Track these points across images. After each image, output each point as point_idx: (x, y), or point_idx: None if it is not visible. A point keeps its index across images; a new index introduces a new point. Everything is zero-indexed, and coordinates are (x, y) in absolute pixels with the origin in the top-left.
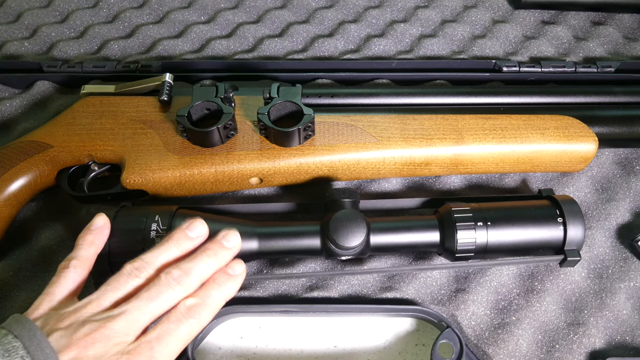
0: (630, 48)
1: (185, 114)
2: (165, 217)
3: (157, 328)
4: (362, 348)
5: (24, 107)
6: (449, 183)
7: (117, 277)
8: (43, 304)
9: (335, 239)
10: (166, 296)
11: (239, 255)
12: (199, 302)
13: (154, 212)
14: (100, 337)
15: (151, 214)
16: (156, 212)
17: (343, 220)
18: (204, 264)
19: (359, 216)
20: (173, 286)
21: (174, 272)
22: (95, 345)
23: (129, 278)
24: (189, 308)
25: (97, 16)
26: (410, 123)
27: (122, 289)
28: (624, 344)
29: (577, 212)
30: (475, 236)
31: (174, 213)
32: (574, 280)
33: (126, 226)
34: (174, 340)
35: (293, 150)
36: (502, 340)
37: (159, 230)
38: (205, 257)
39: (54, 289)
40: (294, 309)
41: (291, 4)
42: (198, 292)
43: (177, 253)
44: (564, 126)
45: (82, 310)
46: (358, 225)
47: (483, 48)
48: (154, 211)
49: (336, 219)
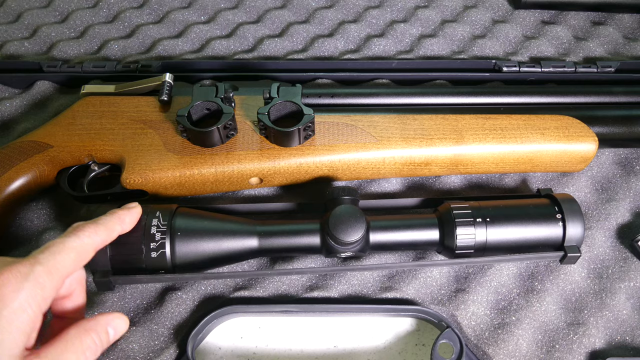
0: (630, 48)
1: (185, 114)
2: (165, 215)
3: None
4: (362, 348)
5: (24, 107)
6: (449, 183)
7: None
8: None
9: (334, 234)
10: None
11: (240, 254)
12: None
13: (155, 209)
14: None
15: (152, 210)
16: (157, 209)
17: (342, 215)
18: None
19: (358, 211)
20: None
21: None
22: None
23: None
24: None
25: (97, 16)
26: (410, 123)
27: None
28: (624, 344)
29: (576, 209)
30: (475, 233)
31: (174, 211)
32: (574, 280)
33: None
34: None
35: (293, 150)
36: (502, 340)
37: (160, 225)
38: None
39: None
40: (294, 309)
41: (291, 4)
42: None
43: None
44: (564, 126)
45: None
46: (357, 220)
47: (483, 48)
48: (154, 208)
49: (336, 214)
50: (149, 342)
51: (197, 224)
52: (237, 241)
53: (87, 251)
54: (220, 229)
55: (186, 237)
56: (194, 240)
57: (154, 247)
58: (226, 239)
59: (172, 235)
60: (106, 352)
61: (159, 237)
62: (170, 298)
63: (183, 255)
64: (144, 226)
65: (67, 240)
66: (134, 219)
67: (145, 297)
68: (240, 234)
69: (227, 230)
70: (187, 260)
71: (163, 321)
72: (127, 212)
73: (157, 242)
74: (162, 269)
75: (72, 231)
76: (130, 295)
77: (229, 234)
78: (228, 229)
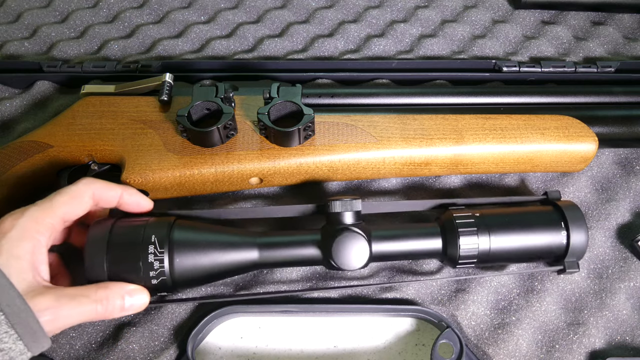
0: (630, 48)
1: (185, 114)
2: (162, 235)
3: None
4: (362, 348)
5: (24, 107)
6: (449, 183)
7: None
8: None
9: (337, 262)
10: None
11: (240, 267)
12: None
13: (150, 232)
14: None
15: (147, 236)
16: (151, 233)
17: (345, 243)
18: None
19: (361, 239)
20: None
21: None
22: None
23: None
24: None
25: (97, 16)
26: (410, 123)
27: None
28: (624, 344)
29: (581, 221)
30: (478, 243)
31: (172, 226)
32: (574, 280)
33: (123, 240)
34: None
35: (293, 150)
36: (502, 340)
37: (157, 253)
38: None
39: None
40: (294, 309)
41: (291, 4)
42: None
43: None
44: (564, 126)
45: None
46: (360, 249)
47: (483, 48)
48: (149, 230)
49: (338, 243)
50: (149, 342)
51: (195, 238)
52: (237, 254)
53: (81, 192)
54: (220, 242)
55: (185, 254)
56: (193, 260)
57: (154, 275)
58: (226, 253)
59: (171, 257)
60: (106, 353)
61: (157, 266)
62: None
63: (183, 274)
64: (141, 257)
65: (66, 187)
66: (138, 199)
67: None
68: (240, 246)
69: (227, 242)
70: (187, 278)
71: (163, 322)
72: (132, 190)
73: (156, 271)
74: (163, 291)
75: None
76: None
77: (229, 247)
78: (227, 241)
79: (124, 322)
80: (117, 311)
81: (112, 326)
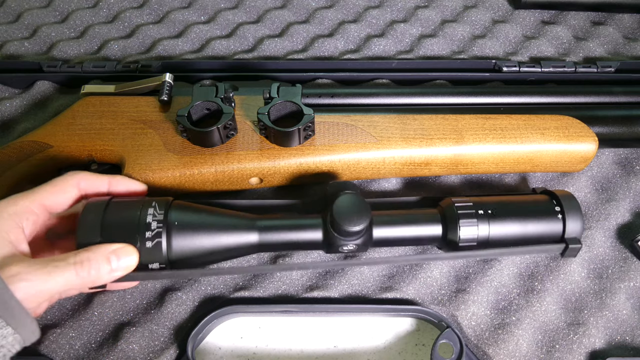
0: (630, 48)
1: (185, 114)
2: (162, 205)
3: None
4: (362, 348)
5: (24, 107)
6: (449, 183)
7: None
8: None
9: (339, 223)
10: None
11: (240, 249)
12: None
13: (150, 199)
14: None
15: (147, 201)
16: (152, 199)
17: (347, 203)
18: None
19: (362, 200)
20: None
21: None
22: None
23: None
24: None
25: (97, 16)
26: (410, 123)
27: None
28: (624, 344)
29: (574, 203)
30: (478, 229)
31: (171, 203)
32: (574, 280)
33: (122, 205)
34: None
35: (293, 150)
36: (502, 340)
37: (156, 214)
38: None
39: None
40: (294, 309)
41: (291, 4)
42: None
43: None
44: (564, 126)
45: None
46: (362, 208)
47: (483, 48)
48: (149, 199)
49: (340, 202)
50: (149, 342)
51: (194, 216)
52: (236, 236)
53: (65, 181)
54: (219, 223)
55: (183, 229)
56: (192, 233)
57: (150, 237)
58: (225, 233)
59: (169, 225)
60: (106, 352)
61: (155, 226)
62: (170, 298)
63: (180, 249)
64: (139, 214)
65: (52, 179)
66: (127, 184)
67: (145, 298)
68: (239, 228)
69: (227, 224)
70: (184, 254)
71: (163, 321)
72: (120, 177)
73: (152, 231)
74: (157, 261)
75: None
76: (130, 296)
77: (229, 228)
78: (227, 222)
79: (124, 322)
80: (103, 274)
81: (112, 326)
